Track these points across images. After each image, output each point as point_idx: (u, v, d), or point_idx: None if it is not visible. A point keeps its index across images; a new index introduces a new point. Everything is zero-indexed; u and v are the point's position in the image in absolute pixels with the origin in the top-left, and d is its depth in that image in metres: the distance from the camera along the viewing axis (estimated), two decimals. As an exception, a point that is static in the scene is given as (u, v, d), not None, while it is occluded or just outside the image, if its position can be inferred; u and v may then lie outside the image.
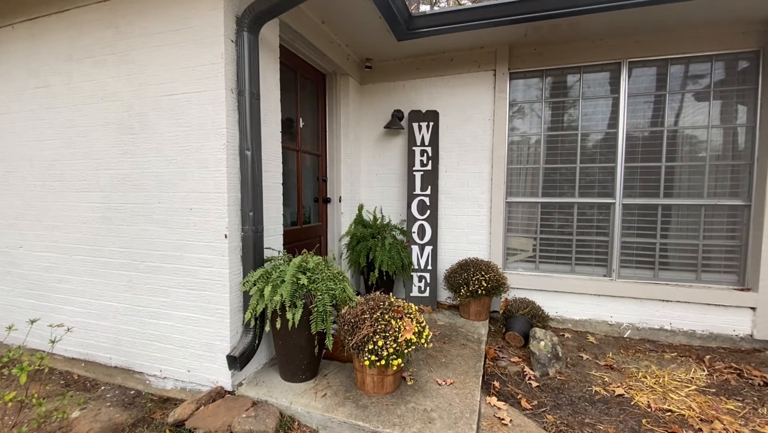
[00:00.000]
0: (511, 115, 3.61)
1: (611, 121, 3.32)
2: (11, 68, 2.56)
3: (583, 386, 2.42)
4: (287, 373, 2.17)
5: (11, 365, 1.81)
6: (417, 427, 1.78)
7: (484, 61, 3.55)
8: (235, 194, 2.08)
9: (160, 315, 2.26)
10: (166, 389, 2.28)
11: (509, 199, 3.61)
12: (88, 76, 2.32)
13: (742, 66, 3.02)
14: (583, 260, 3.46)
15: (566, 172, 3.46)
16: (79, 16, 2.31)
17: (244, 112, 2.06)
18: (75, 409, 2.09)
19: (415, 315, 2.08)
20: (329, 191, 3.69)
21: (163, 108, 2.14)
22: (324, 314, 1.99)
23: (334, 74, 3.60)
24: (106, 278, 2.38)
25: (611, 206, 3.33)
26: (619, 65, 3.25)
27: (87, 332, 2.47)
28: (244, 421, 1.79)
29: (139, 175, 2.23)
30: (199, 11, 2.02)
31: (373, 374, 2.00)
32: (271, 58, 2.37)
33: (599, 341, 3.15)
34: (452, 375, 2.28)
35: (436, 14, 3.06)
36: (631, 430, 1.99)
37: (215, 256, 2.08)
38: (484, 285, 3.12)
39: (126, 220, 2.29)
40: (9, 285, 2.71)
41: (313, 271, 2.10)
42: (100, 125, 2.31)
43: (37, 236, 2.58)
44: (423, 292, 3.65)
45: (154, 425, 1.94)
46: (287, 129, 2.97)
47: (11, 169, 2.63)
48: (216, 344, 2.12)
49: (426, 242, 3.67)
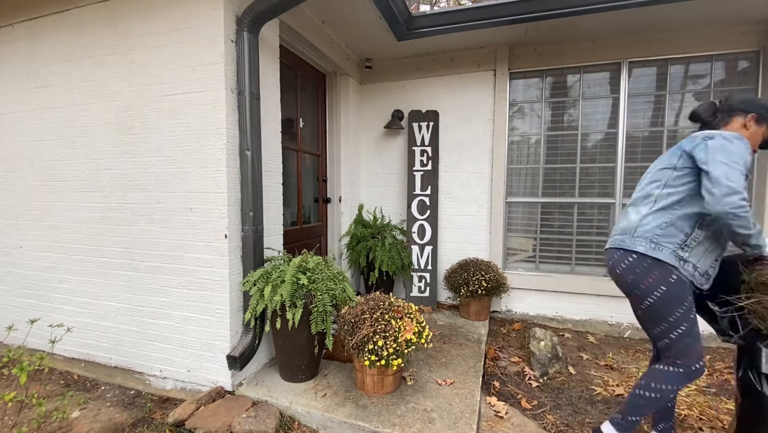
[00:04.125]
0: (511, 115, 3.61)
1: (611, 121, 3.32)
2: (11, 68, 2.56)
3: (583, 386, 2.42)
4: (287, 373, 2.17)
5: (11, 365, 1.81)
6: (417, 427, 1.78)
7: (484, 61, 3.55)
8: (235, 194, 2.08)
9: (160, 315, 2.26)
10: (166, 389, 2.28)
11: (509, 199, 3.61)
12: (88, 76, 2.32)
13: (742, 66, 3.02)
14: (583, 260, 3.46)
15: (566, 173, 3.46)
16: (79, 16, 2.31)
17: (244, 112, 2.06)
18: (75, 409, 2.09)
19: (415, 315, 2.08)
20: (329, 191, 3.69)
21: (163, 108, 2.14)
22: (324, 314, 1.99)
23: (334, 74, 3.60)
24: (106, 277, 2.38)
25: (611, 206, 3.33)
26: (619, 65, 3.25)
27: (87, 332, 2.47)
28: (244, 421, 1.79)
29: (139, 175, 2.23)
30: (199, 11, 2.02)
31: (373, 374, 2.00)
32: (271, 58, 2.37)
33: (599, 341, 3.15)
34: (452, 375, 2.28)
35: (436, 14, 3.06)
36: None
37: (215, 256, 2.08)
38: (484, 285, 3.12)
39: (126, 220, 2.29)
40: (9, 285, 2.71)
41: (313, 271, 2.10)
42: (100, 125, 2.31)
43: (37, 235, 2.58)
44: (423, 292, 3.65)
45: (154, 425, 1.94)
46: (287, 129, 2.97)
47: (11, 169, 2.63)
48: (216, 344, 2.12)
49: (426, 242, 3.67)
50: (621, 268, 1.58)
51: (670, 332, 1.49)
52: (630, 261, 1.54)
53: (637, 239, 1.53)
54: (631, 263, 1.54)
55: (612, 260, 1.62)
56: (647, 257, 1.49)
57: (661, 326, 1.51)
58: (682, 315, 1.46)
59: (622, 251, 1.58)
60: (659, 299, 1.48)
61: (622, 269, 1.57)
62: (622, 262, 1.57)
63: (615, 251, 1.62)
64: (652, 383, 1.53)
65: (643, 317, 1.60)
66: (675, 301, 1.46)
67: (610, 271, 1.64)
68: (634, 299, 1.58)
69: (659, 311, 1.50)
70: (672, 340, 1.50)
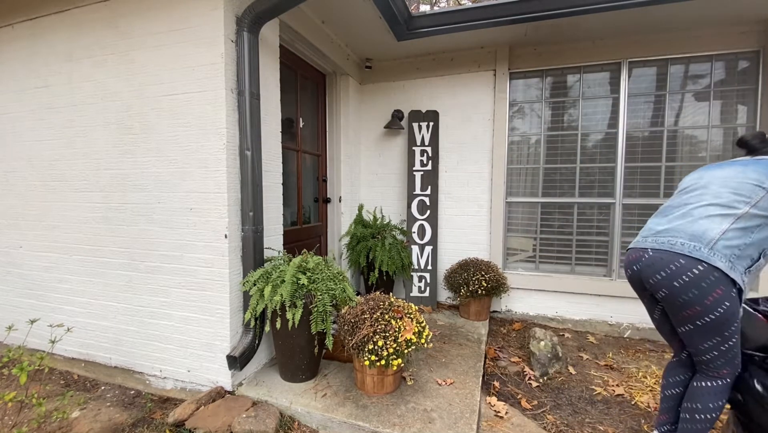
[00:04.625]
0: (511, 115, 3.61)
1: (611, 121, 3.32)
2: (11, 68, 2.56)
3: (583, 386, 2.42)
4: (287, 373, 2.17)
5: (11, 365, 1.81)
6: (417, 427, 1.78)
7: (484, 61, 3.55)
8: (235, 194, 2.08)
9: (160, 315, 2.26)
10: (166, 389, 2.28)
11: (509, 199, 3.61)
12: (88, 76, 2.32)
13: (742, 66, 3.02)
14: (583, 260, 3.46)
15: (566, 172, 3.46)
16: (79, 16, 2.31)
17: (244, 112, 2.06)
18: (75, 409, 2.09)
19: (415, 315, 2.08)
20: (329, 191, 3.69)
21: (163, 108, 2.14)
22: (324, 314, 1.99)
23: (334, 74, 3.60)
24: (106, 277, 2.38)
25: (611, 206, 3.33)
26: (619, 65, 3.25)
27: (87, 332, 2.47)
28: (244, 421, 1.79)
29: (139, 175, 2.23)
30: (199, 11, 2.02)
31: (373, 374, 2.00)
32: (271, 58, 2.37)
33: (599, 341, 3.15)
34: (452, 375, 2.28)
35: (436, 14, 3.06)
36: (631, 430, 1.99)
37: (215, 256, 2.08)
38: (484, 285, 3.12)
39: (126, 220, 2.29)
40: (9, 285, 2.71)
41: (313, 271, 2.10)
42: (100, 125, 2.31)
43: (37, 235, 2.58)
44: (423, 292, 3.65)
45: (154, 425, 1.94)
46: (287, 129, 2.97)
47: (11, 169, 2.63)
48: (216, 344, 2.12)
49: (426, 242, 3.67)
50: (683, 279, 1.41)
51: (722, 345, 1.44)
52: (697, 272, 1.39)
53: (717, 253, 1.38)
54: (699, 274, 1.39)
55: (669, 268, 1.44)
56: (717, 270, 1.37)
57: (715, 339, 1.44)
58: (736, 328, 1.43)
59: (692, 259, 1.40)
60: (722, 315, 1.39)
61: (685, 281, 1.41)
62: (687, 272, 1.40)
63: (676, 257, 1.44)
64: (709, 404, 1.47)
65: (694, 332, 1.48)
66: (734, 316, 1.41)
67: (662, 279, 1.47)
68: (691, 313, 1.44)
69: (719, 327, 1.41)
70: (721, 352, 1.45)
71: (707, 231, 1.42)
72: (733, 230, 1.40)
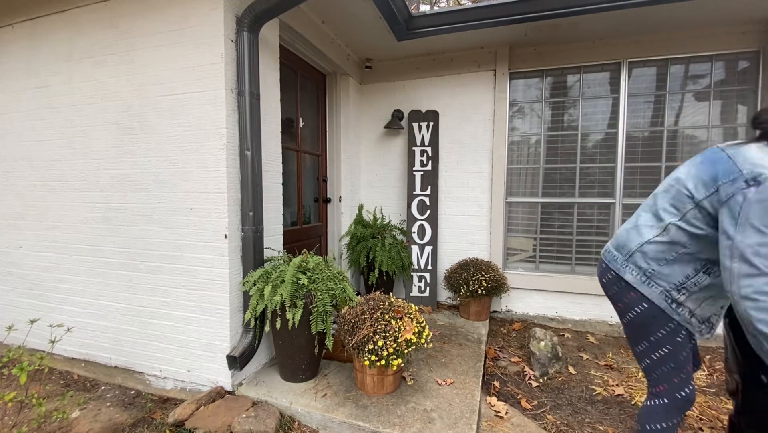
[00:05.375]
0: (511, 115, 3.61)
1: (611, 121, 3.32)
2: (11, 68, 2.56)
3: (584, 386, 2.42)
4: (287, 373, 2.17)
5: (11, 365, 1.81)
6: (417, 427, 1.78)
7: (484, 61, 3.55)
8: (235, 194, 2.08)
9: (160, 315, 2.26)
10: (166, 389, 2.28)
11: (509, 199, 3.61)
12: (88, 76, 2.32)
13: (742, 66, 3.02)
14: (583, 260, 3.46)
15: (566, 172, 3.46)
16: (79, 16, 2.31)
17: (244, 112, 2.06)
18: (75, 409, 2.09)
19: (415, 315, 2.08)
20: (329, 191, 3.69)
21: (163, 108, 2.14)
22: (324, 314, 1.99)
23: (334, 74, 3.60)
24: (106, 277, 2.38)
25: (611, 206, 3.33)
26: (619, 65, 3.25)
27: (87, 332, 2.47)
28: (244, 421, 1.79)
29: (139, 175, 2.23)
30: (199, 11, 2.02)
31: (373, 374, 2.00)
32: (271, 58, 2.37)
33: (599, 341, 3.15)
34: (452, 375, 2.28)
35: (436, 14, 3.06)
36: (631, 430, 1.99)
37: (215, 256, 2.08)
38: (484, 285, 3.12)
39: (126, 220, 2.29)
40: (9, 285, 2.71)
41: (313, 271, 2.10)
42: (100, 125, 2.31)
43: (37, 235, 2.58)
44: (423, 292, 3.65)
45: (154, 425, 1.94)
46: (287, 129, 2.97)
47: (11, 169, 2.63)
48: (216, 344, 2.12)
49: (426, 242, 3.67)
50: (605, 279, 1.46)
51: (652, 353, 1.33)
52: (611, 277, 1.41)
53: (629, 265, 1.34)
54: (611, 279, 1.41)
55: (600, 268, 1.50)
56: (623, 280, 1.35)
57: (643, 343, 1.35)
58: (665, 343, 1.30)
59: (608, 268, 1.43)
60: (639, 317, 1.33)
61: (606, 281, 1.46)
62: (605, 275, 1.45)
63: (602, 262, 1.49)
64: (646, 425, 1.36)
65: (626, 331, 1.44)
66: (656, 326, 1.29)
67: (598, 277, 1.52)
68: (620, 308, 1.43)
69: (642, 330, 1.34)
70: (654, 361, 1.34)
71: (629, 241, 1.36)
72: (654, 242, 1.28)
